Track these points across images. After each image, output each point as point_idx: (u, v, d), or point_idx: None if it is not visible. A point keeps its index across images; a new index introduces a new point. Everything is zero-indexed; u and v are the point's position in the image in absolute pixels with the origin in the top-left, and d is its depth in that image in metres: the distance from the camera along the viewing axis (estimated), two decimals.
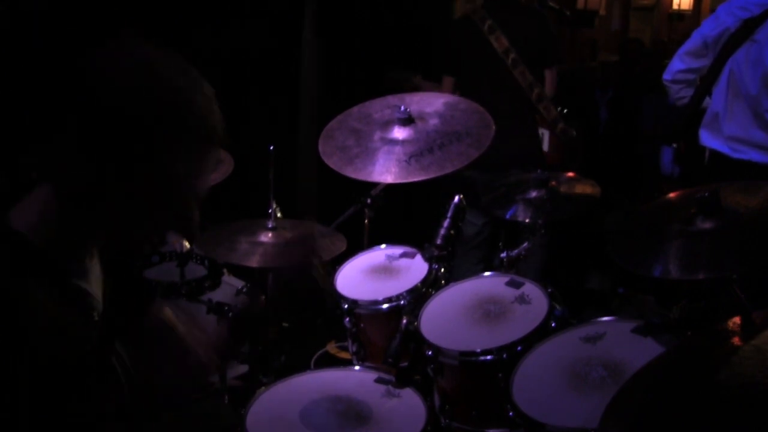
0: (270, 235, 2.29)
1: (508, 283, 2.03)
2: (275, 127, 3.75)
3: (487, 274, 2.14)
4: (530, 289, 1.98)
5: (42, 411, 0.96)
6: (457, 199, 2.08)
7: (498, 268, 2.24)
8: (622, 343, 1.66)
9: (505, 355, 1.76)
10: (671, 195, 1.78)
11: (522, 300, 1.95)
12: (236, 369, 2.63)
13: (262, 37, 3.79)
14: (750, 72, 2.93)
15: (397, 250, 2.39)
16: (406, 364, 1.89)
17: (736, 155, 3.00)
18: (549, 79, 3.44)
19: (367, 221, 2.55)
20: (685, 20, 8.85)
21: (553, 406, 1.55)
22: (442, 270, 2.16)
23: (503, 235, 3.47)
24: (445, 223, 2.06)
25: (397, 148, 2.23)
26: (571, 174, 2.49)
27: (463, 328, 1.90)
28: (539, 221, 2.29)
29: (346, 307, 2.17)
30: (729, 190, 1.61)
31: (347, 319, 2.19)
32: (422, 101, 2.39)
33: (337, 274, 2.31)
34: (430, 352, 1.85)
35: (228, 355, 1.42)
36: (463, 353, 1.81)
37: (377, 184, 2.46)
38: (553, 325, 1.83)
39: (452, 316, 1.95)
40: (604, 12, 8.18)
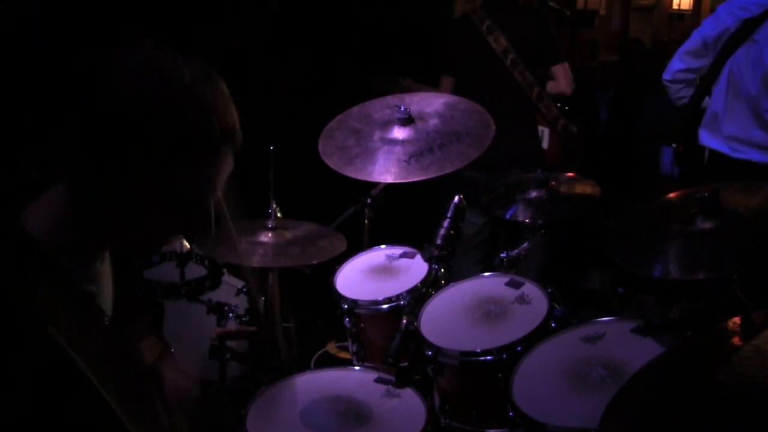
0: (270, 235, 2.29)
1: (508, 283, 2.03)
2: (275, 127, 3.75)
3: (487, 274, 2.14)
4: (530, 289, 1.98)
5: (42, 411, 0.96)
6: (457, 199, 2.08)
7: (498, 268, 2.24)
8: (622, 343, 1.66)
9: (505, 355, 1.76)
10: (671, 195, 1.78)
11: (522, 300, 1.94)
12: (236, 369, 2.63)
13: (262, 37, 3.79)
14: (750, 72, 2.93)
15: (397, 250, 2.39)
16: (406, 364, 1.89)
17: (736, 155, 3.00)
18: (561, 75, 3.37)
19: (367, 221, 2.55)
20: (685, 20, 8.86)
21: (553, 406, 1.55)
22: (442, 270, 2.16)
23: (503, 235, 3.48)
24: (445, 223, 2.06)
25: (397, 148, 2.23)
26: (571, 174, 2.49)
27: (463, 328, 1.90)
28: (539, 221, 2.29)
29: (346, 307, 2.18)
30: (729, 190, 1.61)
31: (347, 319, 2.19)
32: (422, 101, 2.39)
33: (337, 274, 2.31)
34: (430, 352, 1.85)
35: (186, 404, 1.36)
36: (463, 353, 1.81)
37: (377, 184, 2.47)
38: (553, 325, 1.83)
39: (452, 316, 1.95)
40: (604, 12, 8.18)
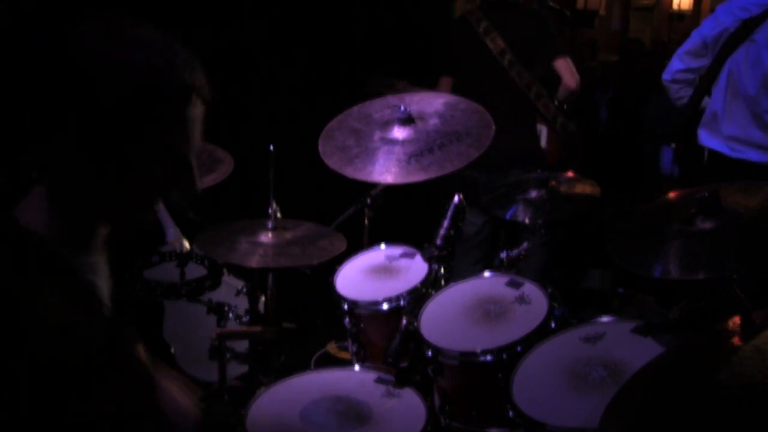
0: (270, 235, 2.29)
1: (508, 283, 2.03)
2: (275, 127, 3.75)
3: (487, 274, 2.14)
4: (530, 289, 1.98)
5: (42, 411, 0.96)
6: (457, 199, 2.08)
7: (498, 268, 2.24)
8: (622, 343, 1.66)
9: (505, 355, 1.76)
10: (671, 195, 1.78)
11: (522, 300, 1.94)
12: (236, 369, 2.63)
13: (262, 37, 3.79)
14: (749, 72, 2.93)
15: (397, 250, 2.39)
16: (406, 364, 1.89)
17: (735, 155, 3.01)
18: (564, 69, 3.28)
19: (367, 221, 2.55)
20: (685, 20, 8.87)
21: (553, 406, 1.55)
22: (442, 270, 2.16)
23: (503, 234, 3.48)
24: (445, 223, 2.06)
25: (397, 148, 2.23)
26: (571, 174, 2.49)
27: (463, 328, 1.90)
28: (539, 221, 2.28)
29: (346, 307, 2.17)
30: (729, 190, 1.61)
31: (347, 319, 2.19)
32: (422, 101, 2.39)
33: (337, 274, 2.31)
34: (430, 353, 1.85)
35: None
36: (463, 353, 1.81)
37: (377, 184, 2.46)
38: (553, 325, 1.83)
39: (452, 317, 1.95)
40: (604, 12, 8.19)
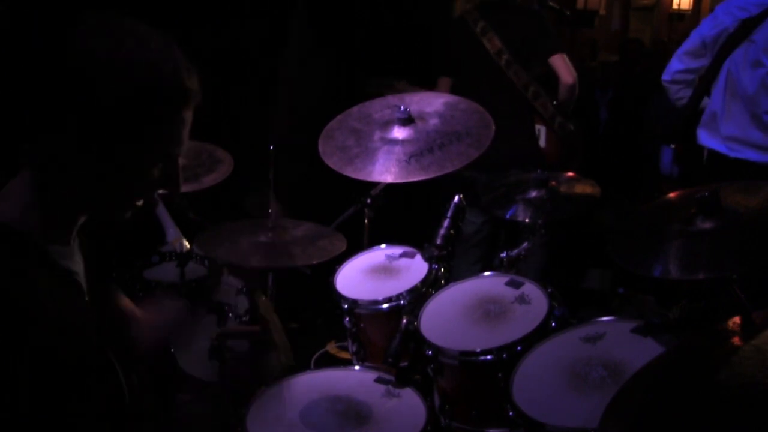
0: (270, 235, 2.29)
1: (508, 283, 2.03)
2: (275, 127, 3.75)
3: (487, 274, 2.14)
4: (530, 289, 1.98)
5: (42, 411, 0.96)
6: (457, 199, 2.08)
7: (498, 267, 2.24)
8: (622, 343, 1.66)
9: (505, 355, 1.76)
10: (671, 195, 1.78)
11: (522, 300, 1.94)
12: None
13: (262, 36, 3.79)
14: (748, 72, 2.93)
15: (397, 250, 2.39)
16: (406, 364, 1.89)
17: (734, 155, 3.00)
18: (560, 65, 3.24)
19: (367, 221, 2.55)
20: (685, 20, 8.87)
21: (553, 406, 1.55)
22: (442, 270, 2.16)
23: (503, 234, 3.48)
24: (445, 223, 2.06)
25: (397, 148, 2.23)
26: (571, 174, 2.49)
27: (463, 328, 1.90)
28: (539, 221, 2.29)
29: (346, 307, 2.18)
30: (729, 190, 1.61)
31: (347, 319, 2.19)
32: (422, 101, 2.39)
33: (337, 274, 2.31)
34: (430, 352, 1.85)
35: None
36: (463, 353, 1.81)
37: (377, 184, 2.46)
38: (553, 325, 1.83)
39: (452, 316, 1.95)
40: (604, 12, 8.19)
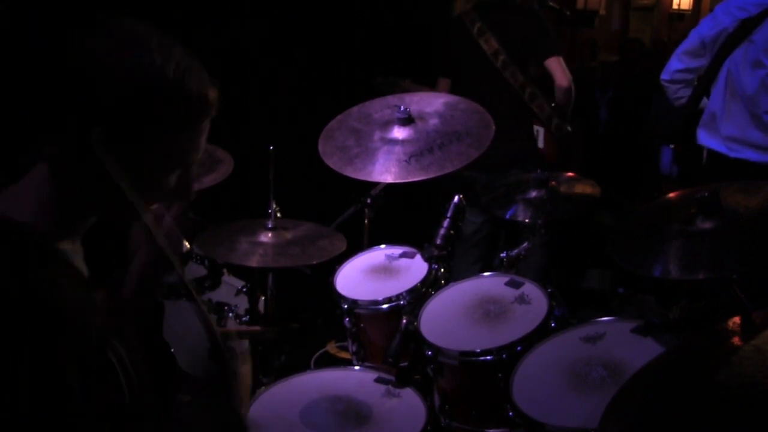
0: (270, 235, 2.29)
1: (507, 283, 2.03)
2: (275, 127, 3.75)
3: (486, 274, 2.14)
4: (530, 289, 1.98)
5: (42, 411, 0.96)
6: (456, 199, 2.08)
7: (498, 267, 2.24)
8: (622, 343, 1.66)
9: (505, 355, 1.76)
10: (671, 195, 1.78)
11: (522, 300, 1.94)
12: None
13: (262, 36, 3.79)
14: (747, 73, 2.92)
15: (397, 250, 2.39)
16: (406, 364, 1.89)
17: (734, 155, 3.00)
18: (556, 68, 3.24)
19: (367, 221, 2.55)
20: (685, 20, 8.86)
21: (553, 406, 1.55)
22: (442, 270, 2.16)
23: (503, 234, 3.48)
24: (445, 223, 2.06)
25: (397, 148, 2.23)
26: (571, 174, 2.49)
27: (463, 328, 1.90)
28: (539, 221, 2.29)
29: (346, 307, 2.18)
30: (729, 190, 1.61)
31: (347, 319, 2.19)
32: (422, 101, 2.39)
33: (337, 274, 2.31)
34: (430, 352, 1.85)
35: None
36: (463, 353, 1.81)
37: (377, 184, 2.46)
38: (553, 325, 1.83)
39: (452, 316, 1.95)
40: (604, 12, 8.19)
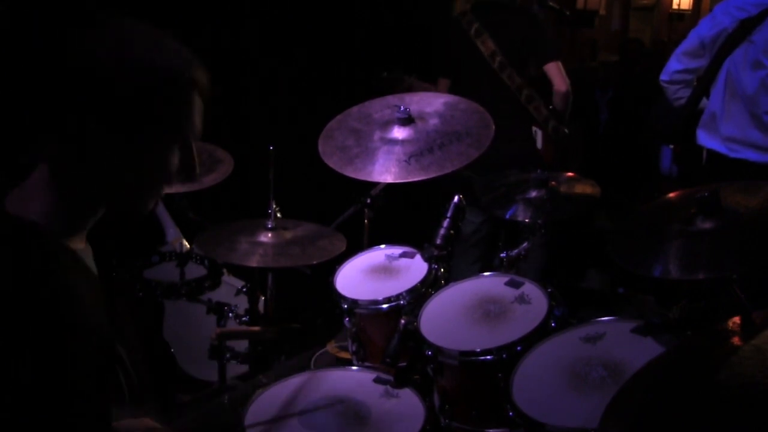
0: (270, 235, 2.29)
1: (507, 283, 2.03)
2: (275, 127, 3.75)
3: (486, 273, 2.14)
4: (530, 289, 1.98)
5: (42, 411, 0.96)
6: (456, 199, 2.08)
7: (498, 267, 2.24)
8: (622, 343, 1.66)
9: (505, 355, 1.76)
10: (671, 195, 1.78)
11: (522, 300, 1.94)
12: (236, 369, 2.63)
13: (262, 36, 3.79)
14: (747, 73, 2.93)
15: (397, 250, 2.39)
16: (405, 364, 1.89)
17: (733, 155, 3.00)
18: (555, 73, 3.27)
19: (367, 221, 2.55)
20: (685, 20, 8.87)
21: (553, 406, 1.55)
22: (442, 270, 2.16)
23: (503, 234, 3.48)
24: (445, 223, 2.05)
25: (397, 148, 2.22)
26: (571, 174, 2.49)
27: (462, 328, 1.90)
28: (539, 221, 2.28)
29: (346, 307, 2.17)
30: (729, 190, 1.61)
31: (347, 319, 2.19)
32: (422, 101, 2.39)
33: (337, 274, 2.31)
34: (430, 352, 1.84)
35: None
36: (463, 353, 1.81)
37: (377, 184, 2.46)
38: (553, 325, 1.83)
39: (452, 316, 1.95)
40: (604, 12, 8.19)
